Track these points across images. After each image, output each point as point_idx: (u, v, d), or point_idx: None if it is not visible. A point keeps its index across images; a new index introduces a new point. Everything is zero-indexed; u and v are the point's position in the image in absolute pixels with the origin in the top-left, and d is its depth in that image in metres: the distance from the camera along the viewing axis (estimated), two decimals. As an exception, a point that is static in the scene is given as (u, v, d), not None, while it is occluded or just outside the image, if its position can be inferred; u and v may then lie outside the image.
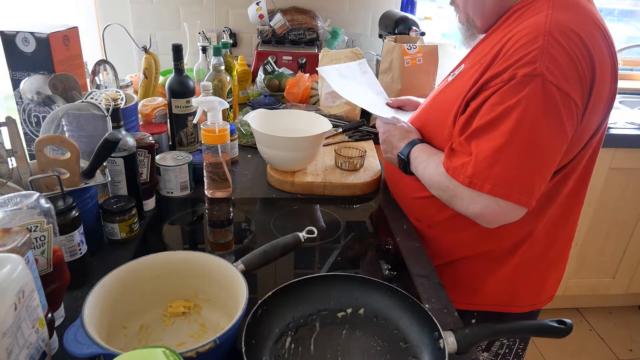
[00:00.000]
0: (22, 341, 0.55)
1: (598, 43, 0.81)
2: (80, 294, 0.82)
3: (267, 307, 0.73)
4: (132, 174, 1.00)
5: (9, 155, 0.81)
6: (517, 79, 0.78)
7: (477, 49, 0.96)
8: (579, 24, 0.80)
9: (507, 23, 0.89)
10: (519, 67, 0.78)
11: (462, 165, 0.84)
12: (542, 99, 0.77)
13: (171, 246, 1.00)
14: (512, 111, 0.78)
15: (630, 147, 1.92)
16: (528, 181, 0.80)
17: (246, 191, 1.23)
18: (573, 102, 0.78)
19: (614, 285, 2.28)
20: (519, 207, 0.82)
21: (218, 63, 1.42)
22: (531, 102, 0.77)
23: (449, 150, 0.88)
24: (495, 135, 0.79)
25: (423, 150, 0.98)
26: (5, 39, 1.07)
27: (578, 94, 0.78)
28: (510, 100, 0.78)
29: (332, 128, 1.28)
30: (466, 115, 0.86)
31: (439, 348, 0.67)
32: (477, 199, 0.83)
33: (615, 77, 0.86)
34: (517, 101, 0.78)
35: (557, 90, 0.76)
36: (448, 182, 0.87)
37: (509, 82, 0.79)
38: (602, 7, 2.55)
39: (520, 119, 0.77)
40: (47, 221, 0.67)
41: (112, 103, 0.95)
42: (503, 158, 0.79)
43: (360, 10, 2.20)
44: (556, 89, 0.76)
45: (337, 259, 0.98)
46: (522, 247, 1.00)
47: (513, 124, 0.78)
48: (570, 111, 0.79)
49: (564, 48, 0.77)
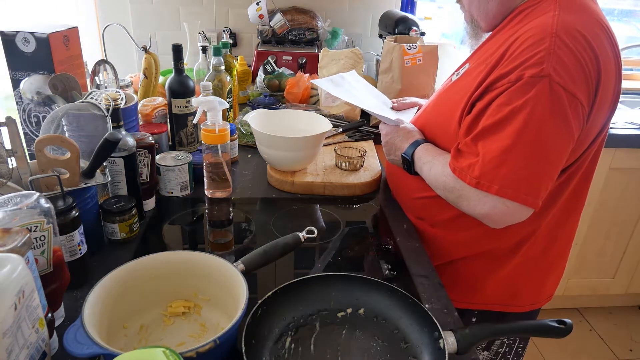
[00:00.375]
0: (22, 341, 0.55)
1: (603, 44, 0.81)
2: (80, 294, 0.82)
3: (267, 307, 0.73)
4: (132, 174, 1.00)
5: (9, 155, 0.81)
6: (525, 79, 0.78)
7: (483, 49, 0.96)
8: (585, 25, 0.80)
9: (513, 23, 0.89)
10: (526, 68, 0.78)
11: (469, 166, 0.84)
12: (549, 100, 0.77)
13: (171, 246, 1.00)
14: (519, 112, 0.78)
15: (630, 147, 1.92)
16: (535, 182, 0.81)
17: (246, 191, 1.23)
18: (579, 103, 0.79)
19: (614, 285, 2.28)
20: (525, 208, 0.82)
21: (218, 63, 1.42)
22: (538, 103, 0.77)
23: (456, 151, 0.88)
24: (503, 136, 0.80)
25: (427, 151, 0.98)
26: (5, 39, 1.07)
27: (584, 94, 0.79)
28: (518, 101, 0.78)
29: (332, 128, 1.28)
30: (472, 116, 0.86)
31: (439, 348, 0.67)
32: (484, 200, 0.83)
33: (619, 77, 0.87)
34: (524, 102, 0.78)
35: (564, 92, 0.77)
36: (455, 183, 0.87)
37: (516, 83, 0.79)
38: (602, 7, 2.53)
39: (528, 120, 0.78)
40: (47, 221, 0.67)
41: (112, 103, 0.95)
42: (510, 159, 0.79)
43: (360, 10, 2.20)
44: (563, 90, 0.77)
45: (337, 259, 0.98)
46: (524, 247, 1.00)
47: (520, 124, 0.78)
48: (576, 112, 0.79)
49: (570, 49, 0.77)
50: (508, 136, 0.79)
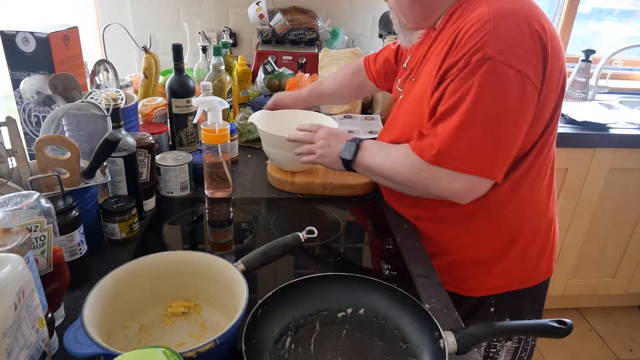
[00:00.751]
0: (22, 341, 0.55)
1: (541, 23, 0.85)
2: (80, 294, 0.82)
3: (267, 307, 0.73)
4: (132, 174, 1.00)
5: (9, 155, 0.81)
6: (472, 64, 0.83)
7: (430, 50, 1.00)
8: (520, 8, 0.86)
9: (452, 21, 0.94)
10: (472, 54, 0.84)
11: (429, 145, 0.90)
12: (495, 79, 0.83)
13: (171, 246, 1.00)
14: (468, 93, 0.84)
15: (630, 147, 1.92)
16: (489, 154, 0.87)
17: (246, 191, 1.23)
18: (526, 77, 0.83)
19: (614, 285, 2.28)
20: (484, 180, 0.89)
21: (218, 63, 1.42)
22: (485, 83, 0.83)
23: (418, 134, 0.93)
24: (456, 117, 0.86)
25: (377, 143, 1.03)
26: (5, 39, 1.07)
27: (531, 69, 0.83)
28: (467, 84, 0.84)
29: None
30: (432, 105, 0.92)
31: (439, 348, 0.67)
32: (447, 177, 0.89)
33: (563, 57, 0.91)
34: (471, 83, 0.84)
35: (510, 69, 0.82)
36: (417, 165, 0.92)
37: (465, 69, 0.85)
38: (602, 7, 2.55)
39: (476, 99, 0.84)
40: (47, 221, 0.67)
41: (112, 103, 0.95)
42: (464, 136, 0.86)
43: (360, 10, 2.20)
44: (508, 67, 0.82)
45: (337, 259, 0.98)
46: (522, 232, 1.04)
47: (470, 104, 0.84)
48: (524, 87, 0.84)
49: (508, 29, 0.83)
50: (460, 115, 0.85)
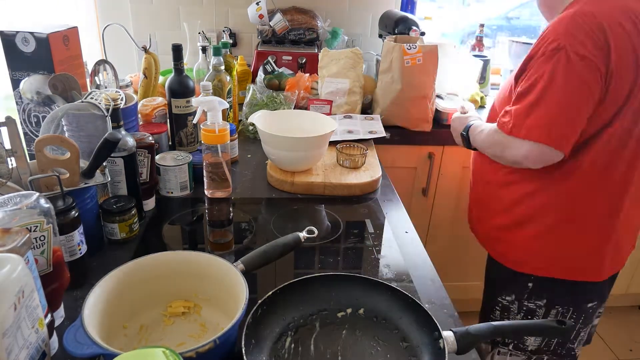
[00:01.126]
0: (21, 341, 0.55)
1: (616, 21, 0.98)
2: (80, 294, 0.82)
3: (267, 307, 0.73)
4: (132, 174, 1.00)
5: (8, 155, 0.81)
6: (547, 53, 1.00)
7: None
8: (601, 11, 0.99)
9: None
10: (548, 45, 1.00)
11: (508, 121, 1.06)
12: (567, 65, 0.97)
13: (171, 246, 1.00)
14: (542, 76, 1.00)
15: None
16: (557, 128, 1.00)
17: (246, 191, 1.23)
18: (593, 63, 0.97)
19: (614, 285, 2.27)
20: (553, 150, 1.01)
21: (218, 63, 1.42)
22: (557, 68, 0.98)
23: (503, 112, 1.10)
24: (530, 97, 1.02)
25: (480, 124, 1.24)
26: (5, 39, 1.07)
27: (597, 57, 0.97)
28: (541, 69, 1.01)
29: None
30: (514, 88, 1.09)
31: (439, 348, 0.67)
32: (520, 144, 1.04)
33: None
34: (545, 69, 1.00)
35: (577, 56, 0.97)
36: (499, 136, 1.09)
37: (541, 57, 1.01)
38: (602, 7, 2.54)
39: (549, 82, 0.99)
40: (47, 221, 0.67)
41: (112, 103, 0.95)
42: (536, 111, 1.01)
43: (360, 10, 2.20)
44: (576, 55, 0.97)
45: (337, 259, 0.98)
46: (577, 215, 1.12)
47: (543, 85, 1.00)
48: (591, 70, 0.97)
49: (579, 24, 0.98)
50: (534, 95, 1.01)
